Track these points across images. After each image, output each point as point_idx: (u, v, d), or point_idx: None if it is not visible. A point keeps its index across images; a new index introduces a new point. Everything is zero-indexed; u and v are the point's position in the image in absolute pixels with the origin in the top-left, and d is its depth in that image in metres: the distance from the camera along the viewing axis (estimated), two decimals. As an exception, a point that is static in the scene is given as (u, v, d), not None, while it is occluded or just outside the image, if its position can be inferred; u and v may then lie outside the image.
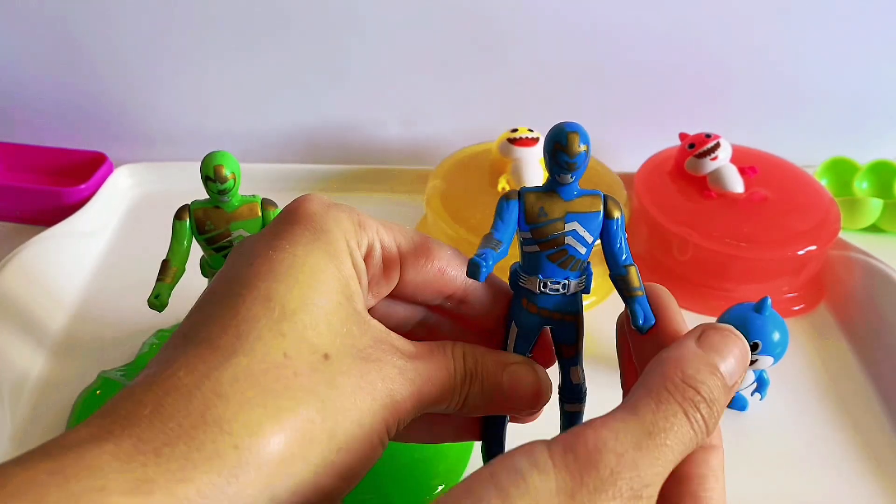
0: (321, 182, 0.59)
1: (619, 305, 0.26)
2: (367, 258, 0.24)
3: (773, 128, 0.63)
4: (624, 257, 0.24)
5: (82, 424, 0.18)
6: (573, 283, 0.25)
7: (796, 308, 0.48)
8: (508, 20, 0.57)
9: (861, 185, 0.59)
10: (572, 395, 0.27)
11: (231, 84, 0.60)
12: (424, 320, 0.27)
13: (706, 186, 0.50)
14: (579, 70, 0.60)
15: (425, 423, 0.25)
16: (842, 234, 0.49)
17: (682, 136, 0.52)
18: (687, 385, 0.20)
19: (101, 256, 0.51)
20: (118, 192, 0.57)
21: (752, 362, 0.38)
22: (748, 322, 0.38)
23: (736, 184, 0.49)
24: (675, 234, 0.47)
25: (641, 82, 0.60)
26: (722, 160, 0.50)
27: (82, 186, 0.54)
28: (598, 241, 0.24)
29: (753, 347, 0.37)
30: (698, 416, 0.20)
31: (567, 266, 0.24)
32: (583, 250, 0.24)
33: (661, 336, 0.23)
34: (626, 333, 0.25)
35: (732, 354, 0.21)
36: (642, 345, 0.24)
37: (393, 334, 0.23)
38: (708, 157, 0.50)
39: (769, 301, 0.38)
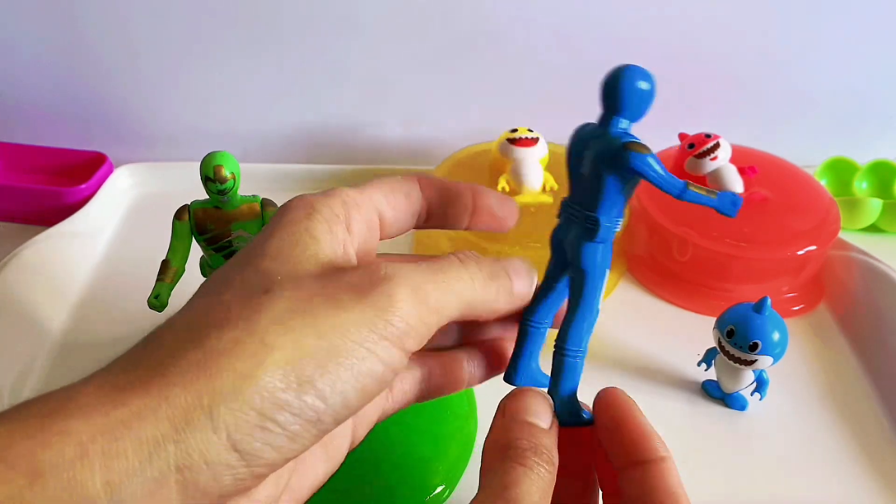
0: (321, 182, 0.59)
1: (620, 307, 0.26)
2: (348, 222, 0.24)
3: (772, 128, 0.63)
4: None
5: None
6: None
7: (796, 308, 0.48)
8: (508, 20, 0.57)
9: (861, 185, 0.59)
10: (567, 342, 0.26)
11: (231, 84, 0.60)
12: None
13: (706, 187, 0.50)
14: (579, 70, 0.60)
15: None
16: (841, 234, 0.49)
17: (682, 136, 0.52)
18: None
19: (101, 256, 0.51)
20: (118, 192, 0.57)
21: (752, 362, 0.38)
22: (748, 322, 0.38)
23: (736, 184, 0.49)
24: (675, 234, 0.47)
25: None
26: (722, 160, 0.50)
27: (82, 186, 0.54)
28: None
29: (753, 347, 0.37)
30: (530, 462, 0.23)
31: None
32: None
33: (629, 436, 0.24)
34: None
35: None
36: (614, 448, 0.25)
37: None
38: (708, 158, 0.50)
39: (769, 301, 0.38)
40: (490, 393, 0.40)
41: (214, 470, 0.18)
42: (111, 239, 0.53)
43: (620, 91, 0.24)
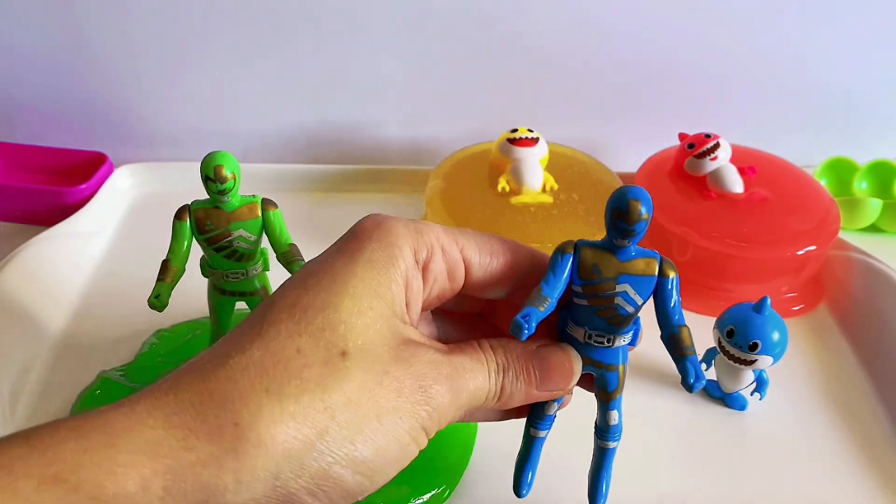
0: (321, 182, 0.59)
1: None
2: (427, 264, 0.24)
3: (772, 128, 0.63)
4: (676, 318, 0.24)
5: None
6: (619, 337, 0.25)
7: (796, 308, 0.48)
8: (508, 20, 0.57)
9: (860, 185, 0.59)
10: (609, 434, 0.28)
11: (231, 84, 0.60)
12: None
13: (706, 187, 0.50)
14: (579, 70, 0.60)
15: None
16: (841, 234, 0.49)
17: (682, 137, 0.52)
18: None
19: (102, 256, 0.51)
20: (118, 192, 0.57)
21: (752, 362, 0.38)
22: (748, 322, 0.38)
23: (735, 184, 0.49)
24: (675, 234, 0.47)
25: (641, 82, 0.60)
26: (721, 160, 0.50)
27: (83, 186, 0.54)
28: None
29: (753, 347, 0.37)
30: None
31: (615, 322, 0.25)
32: (631, 310, 0.24)
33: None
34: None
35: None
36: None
37: (430, 340, 0.24)
38: (708, 158, 0.50)
39: (769, 301, 0.38)
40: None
41: None
42: (111, 239, 0.53)
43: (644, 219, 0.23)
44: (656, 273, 0.24)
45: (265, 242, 0.36)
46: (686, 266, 0.48)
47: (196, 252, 0.36)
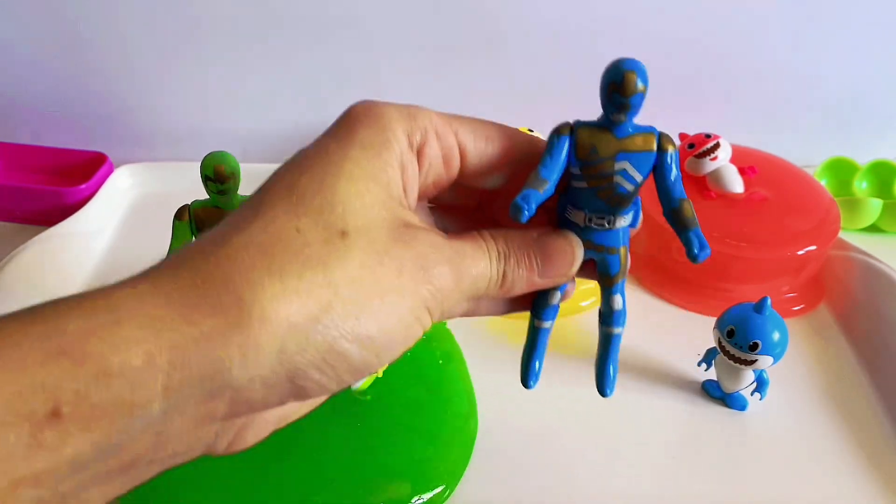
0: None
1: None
2: (421, 148, 0.24)
3: (772, 128, 0.63)
4: (677, 192, 0.24)
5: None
6: (620, 218, 0.25)
7: (796, 308, 0.48)
8: (508, 20, 0.57)
9: (861, 185, 0.59)
10: (613, 320, 0.27)
11: (231, 84, 0.60)
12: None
13: (706, 186, 0.50)
14: (579, 70, 0.60)
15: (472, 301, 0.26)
16: (841, 234, 0.49)
17: (682, 136, 0.52)
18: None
19: (102, 256, 0.51)
20: (118, 192, 0.57)
21: (752, 362, 0.38)
22: (748, 322, 0.38)
23: (736, 184, 0.49)
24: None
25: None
26: (722, 160, 0.50)
27: (83, 186, 0.54)
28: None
29: (753, 347, 0.37)
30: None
31: (614, 203, 0.24)
32: (631, 188, 0.24)
33: None
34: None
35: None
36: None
37: (429, 226, 0.24)
38: (708, 158, 0.50)
39: (769, 301, 0.38)
40: (490, 393, 0.40)
41: (267, 392, 0.20)
42: (111, 239, 0.53)
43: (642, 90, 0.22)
44: (655, 149, 0.23)
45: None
46: (686, 266, 0.48)
47: (196, 252, 0.36)
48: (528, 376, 0.28)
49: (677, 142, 0.57)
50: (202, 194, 0.35)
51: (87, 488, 0.18)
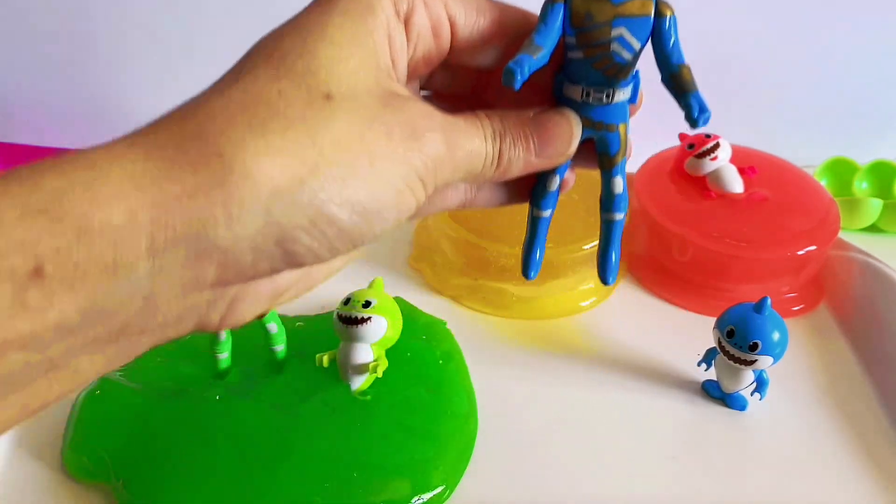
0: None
1: (620, 307, 0.26)
2: (409, 17, 0.23)
3: (772, 128, 0.63)
4: (676, 57, 0.23)
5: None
6: (618, 91, 0.24)
7: (796, 308, 0.48)
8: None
9: (861, 185, 0.59)
10: (613, 205, 0.26)
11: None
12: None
13: (706, 187, 0.50)
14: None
15: (472, 187, 0.25)
16: (841, 235, 0.49)
17: (682, 137, 0.52)
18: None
19: (102, 256, 0.51)
20: (119, 192, 0.57)
21: (752, 362, 0.38)
22: (748, 322, 0.38)
23: (736, 184, 0.49)
24: (675, 234, 0.47)
25: (641, 82, 0.60)
26: (721, 160, 0.50)
27: (83, 187, 0.54)
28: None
29: (753, 347, 0.37)
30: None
31: (612, 73, 0.24)
32: (629, 56, 0.23)
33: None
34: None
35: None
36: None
37: (419, 98, 0.23)
38: (707, 158, 0.50)
39: (769, 301, 0.38)
40: (490, 393, 0.40)
41: (256, 257, 0.19)
42: (112, 239, 0.53)
43: None
44: (652, 13, 0.23)
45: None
46: (686, 266, 0.48)
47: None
48: (528, 266, 0.28)
49: (677, 142, 0.57)
50: (202, 194, 0.35)
51: (77, 355, 0.18)
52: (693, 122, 0.23)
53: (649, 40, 0.23)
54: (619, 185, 0.26)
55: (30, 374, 0.17)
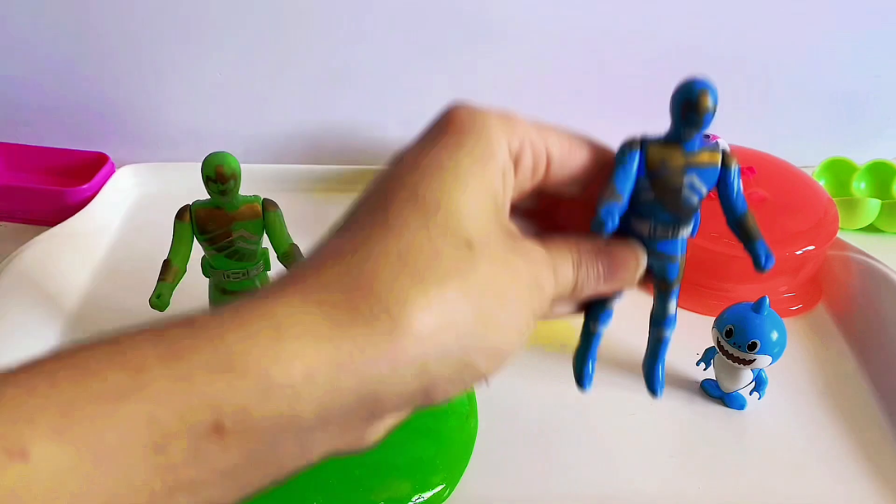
0: (321, 182, 0.59)
1: (620, 306, 0.26)
2: (518, 158, 0.25)
3: (771, 128, 0.63)
4: (741, 205, 0.26)
5: (261, 288, 0.21)
6: (682, 228, 0.26)
7: (794, 308, 0.49)
8: (508, 20, 0.57)
9: (859, 186, 0.59)
10: (664, 323, 0.28)
11: (232, 85, 0.60)
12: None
13: (705, 187, 0.50)
14: (579, 70, 0.60)
15: None
16: (840, 234, 0.49)
17: (681, 137, 0.52)
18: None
19: (103, 256, 0.51)
20: (120, 192, 0.57)
21: (751, 361, 0.38)
22: (746, 321, 0.38)
23: (735, 184, 0.50)
24: (674, 234, 0.47)
25: (640, 82, 0.60)
26: (721, 160, 0.50)
27: (84, 187, 0.54)
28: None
29: (752, 347, 0.38)
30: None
31: (680, 214, 0.26)
32: (696, 201, 0.26)
33: None
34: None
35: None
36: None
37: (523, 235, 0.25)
38: (707, 158, 0.50)
39: (767, 301, 0.38)
40: (490, 393, 0.40)
41: (402, 402, 0.20)
42: (113, 239, 0.53)
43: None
44: (719, 164, 0.25)
45: (266, 242, 0.36)
46: (685, 266, 0.48)
47: (197, 252, 0.36)
48: (583, 379, 0.30)
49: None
50: (203, 195, 0.35)
51: (230, 493, 0.19)
52: (760, 269, 0.25)
53: (716, 187, 0.26)
54: (672, 307, 0.28)
55: None
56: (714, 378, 0.42)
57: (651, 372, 0.30)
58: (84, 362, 0.18)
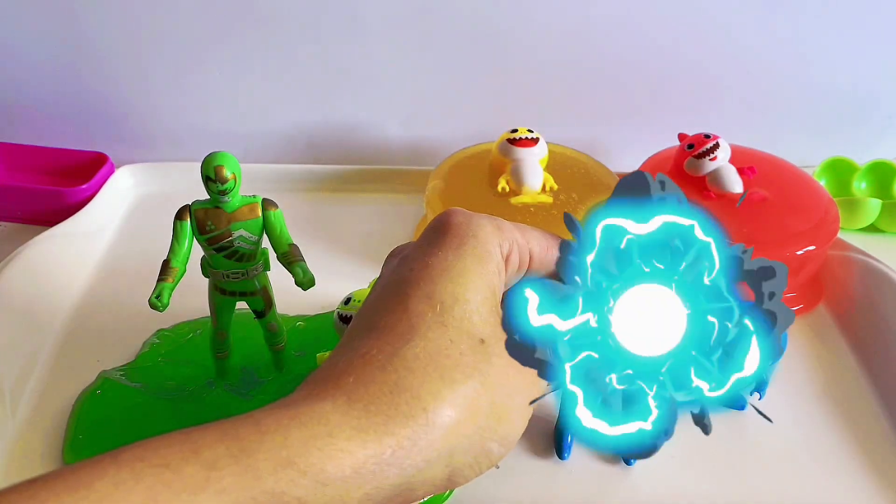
0: (321, 182, 0.59)
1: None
2: (507, 257, 0.27)
3: (771, 128, 0.63)
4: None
5: (297, 389, 0.24)
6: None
7: (795, 308, 0.49)
8: (508, 21, 0.57)
9: (860, 186, 0.59)
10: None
11: (232, 84, 0.60)
12: None
13: (705, 187, 0.50)
14: (579, 70, 0.60)
15: None
16: (840, 235, 0.49)
17: (681, 137, 0.52)
18: None
19: (103, 257, 0.51)
20: (119, 192, 0.57)
21: (751, 362, 0.38)
22: (747, 322, 0.38)
23: (735, 184, 0.49)
24: (675, 234, 0.47)
25: (640, 82, 0.60)
26: (721, 160, 0.50)
27: (83, 187, 0.54)
28: None
29: (752, 347, 0.37)
30: None
31: None
32: None
33: None
34: None
35: None
36: None
37: None
38: (707, 158, 0.50)
39: (768, 301, 0.38)
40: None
41: (429, 489, 0.23)
42: (112, 239, 0.53)
43: None
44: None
45: (266, 242, 0.36)
46: (685, 266, 0.48)
47: (197, 252, 0.36)
48: (561, 451, 0.34)
49: (677, 142, 0.57)
50: (203, 195, 0.35)
51: None
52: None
53: None
54: None
55: None
56: (714, 378, 0.42)
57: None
58: (164, 460, 0.20)
